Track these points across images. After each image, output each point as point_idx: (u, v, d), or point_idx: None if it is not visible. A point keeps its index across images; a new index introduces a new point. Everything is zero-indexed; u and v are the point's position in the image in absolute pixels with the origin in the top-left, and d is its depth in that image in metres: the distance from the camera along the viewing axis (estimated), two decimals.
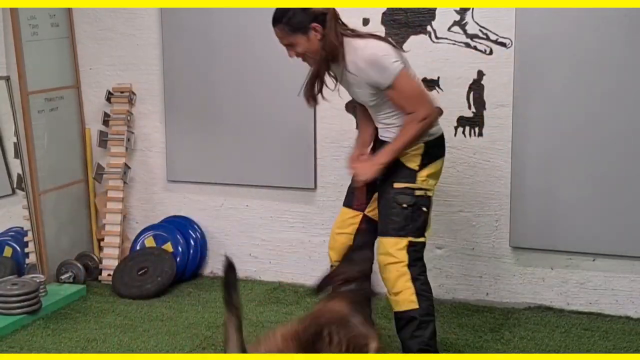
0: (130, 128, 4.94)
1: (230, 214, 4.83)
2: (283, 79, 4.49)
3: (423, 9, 4.21)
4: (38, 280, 4.36)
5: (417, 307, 3.28)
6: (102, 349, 3.82)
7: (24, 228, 4.70)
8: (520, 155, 4.12)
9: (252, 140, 4.66)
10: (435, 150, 3.36)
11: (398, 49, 3.31)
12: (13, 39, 4.51)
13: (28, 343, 3.91)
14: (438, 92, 4.24)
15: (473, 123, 4.22)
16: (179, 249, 4.74)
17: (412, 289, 3.28)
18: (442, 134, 3.41)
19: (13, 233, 4.87)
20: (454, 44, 4.19)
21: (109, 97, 4.91)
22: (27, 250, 4.68)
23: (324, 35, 3.21)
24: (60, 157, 4.83)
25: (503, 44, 4.11)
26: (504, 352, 3.73)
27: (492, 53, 4.14)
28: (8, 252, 4.78)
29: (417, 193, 3.30)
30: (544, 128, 4.06)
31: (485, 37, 4.14)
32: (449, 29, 4.19)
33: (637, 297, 4.09)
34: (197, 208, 4.90)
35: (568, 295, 4.21)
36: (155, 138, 4.93)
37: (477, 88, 4.19)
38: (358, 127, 3.67)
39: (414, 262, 3.32)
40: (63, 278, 4.68)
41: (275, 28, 3.26)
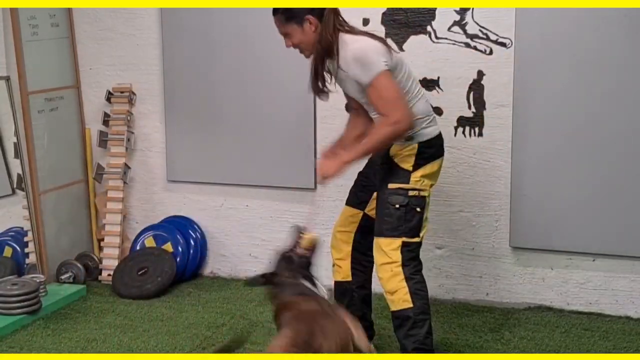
0: (130, 128, 4.94)
1: (230, 214, 4.83)
2: (283, 79, 4.49)
3: (423, 9, 4.21)
4: (38, 280, 4.36)
5: (411, 305, 3.28)
6: (102, 349, 3.82)
7: (24, 228, 4.70)
8: (520, 155, 4.12)
9: (252, 140, 4.66)
10: (430, 151, 3.34)
11: (391, 50, 3.27)
12: (13, 39, 4.51)
13: (28, 343, 3.91)
14: (438, 92, 4.24)
15: (473, 123, 4.22)
16: (179, 249, 4.74)
17: (406, 289, 3.29)
18: (437, 135, 3.38)
19: (13, 233, 4.87)
20: (454, 44, 4.19)
21: (109, 97, 4.92)
22: (27, 250, 4.68)
23: (321, 30, 3.21)
24: (60, 157, 4.83)
25: (503, 44, 4.11)
26: (504, 352, 3.73)
27: (492, 53, 4.14)
28: (8, 252, 4.78)
29: (410, 193, 3.29)
30: (544, 128, 4.06)
31: (485, 37, 4.14)
32: (449, 29, 4.19)
33: (637, 297, 4.09)
34: (197, 208, 4.90)
35: (568, 295, 4.21)
36: (155, 138, 4.93)
37: (477, 88, 4.19)
38: (346, 126, 3.62)
39: (408, 261, 3.32)
40: (63, 278, 4.68)
41: (274, 17, 3.31)
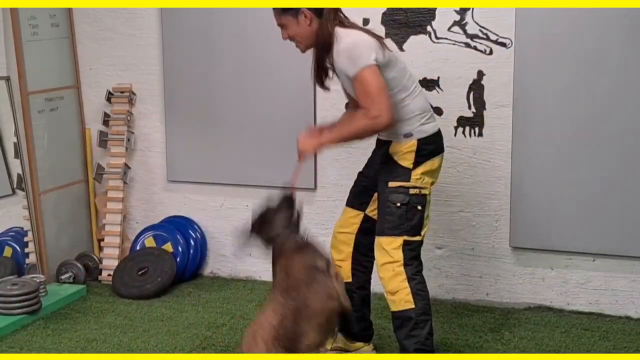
0: (130, 128, 4.94)
1: (230, 214, 4.83)
2: (283, 79, 4.49)
3: (423, 9, 4.21)
4: (38, 280, 4.36)
5: (413, 306, 3.28)
6: (102, 349, 3.82)
7: (24, 228, 4.70)
8: (520, 155, 4.12)
9: (252, 140, 4.66)
10: (430, 148, 3.33)
11: (383, 47, 3.24)
12: (13, 39, 4.51)
13: (28, 343, 3.91)
14: (438, 92, 4.24)
15: (473, 123, 4.22)
16: (179, 249, 4.74)
17: (408, 289, 3.28)
18: (436, 132, 3.37)
19: (13, 233, 4.87)
20: (454, 44, 4.19)
21: (109, 97, 4.92)
22: (27, 250, 4.68)
23: (319, 24, 3.21)
24: (60, 157, 4.83)
25: (503, 44, 4.12)
26: (504, 352, 3.73)
27: (492, 53, 4.14)
28: (8, 252, 4.78)
29: (411, 191, 3.29)
30: (544, 128, 4.06)
31: (485, 37, 4.14)
32: (449, 29, 4.19)
33: (637, 297, 4.09)
34: (197, 208, 4.90)
35: (568, 295, 4.21)
36: (155, 138, 4.93)
37: (477, 88, 4.19)
38: (341, 116, 3.61)
39: (410, 261, 3.31)
40: (63, 278, 4.68)
41: (273, 8, 3.32)
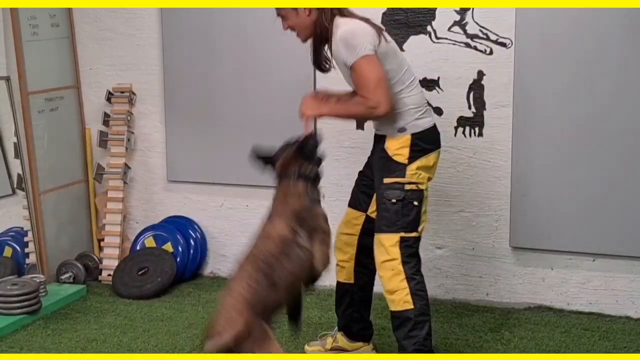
0: (130, 128, 4.94)
1: (230, 214, 4.83)
2: (283, 79, 4.49)
3: (423, 9, 4.21)
4: (38, 280, 4.36)
5: (412, 307, 3.26)
6: (102, 349, 3.82)
7: (24, 228, 4.71)
8: (520, 155, 4.12)
9: (252, 140, 4.60)
10: (424, 143, 3.30)
11: (381, 37, 3.22)
12: (13, 39, 4.51)
13: (28, 343, 3.91)
14: (438, 92, 4.24)
15: (473, 123, 4.22)
16: (179, 249, 4.74)
17: (407, 289, 3.26)
18: (431, 127, 3.34)
19: (13, 233, 4.87)
20: (454, 44, 4.19)
21: (109, 97, 4.92)
22: (27, 250, 4.68)
23: (318, 15, 3.22)
24: (60, 157, 4.83)
25: (503, 44, 4.12)
26: (504, 352, 3.73)
27: (492, 53, 4.14)
28: (8, 252, 4.78)
29: (407, 187, 3.27)
30: (544, 128, 4.06)
31: (485, 37, 4.14)
32: (449, 29, 4.19)
33: (637, 297, 4.09)
34: (197, 208, 4.90)
35: (568, 295, 4.21)
36: (155, 138, 4.93)
37: (477, 88, 4.19)
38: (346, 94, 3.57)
39: (408, 258, 3.29)
40: (63, 278, 4.68)
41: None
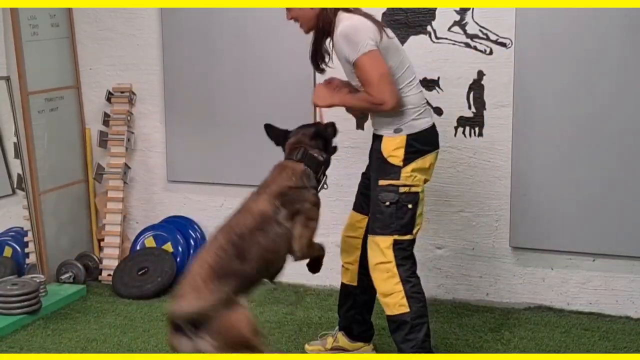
0: (130, 128, 4.94)
1: None
2: (283, 79, 4.50)
3: (423, 9, 4.21)
4: (38, 280, 4.36)
5: (408, 310, 3.24)
6: (102, 349, 3.82)
7: (24, 228, 4.71)
8: (520, 155, 4.12)
9: (252, 140, 4.66)
10: (420, 144, 3.26)
11: (382, 33, 3.19)
12: (13, 39, 4.51)
13: (28, 343, 3.91)
14: (438, 92, 4.24)
15: (473, 123, 4.22)
16: (179, 249, 4.74)
17: (402, 293, 3.24)
18: (428, 128, 3.30)
19: (13, 233, 4.87)
20: (454, 44, 4.19)
21: (109, 97, 4.92)
22: (27, 250, 4.68)
23: (322, 9, 3.21)
24: (60, 157, 4.83)
25: (503, 44, 4.11)
26: (504, 352, 3.73)
27: (492, 53, 4.14)
28: (8, 252, 4.78)
29: (401, 190, 3.24)
30: (544, 128, 4.06)
31: (485, 37, 4.14)
32: (449, 29, 4.19)
33: (637, 297, 4.09)
34: (197, 208, 4.90)
35: (568, 295, 4.21)
36: (155, 138, 4.93)
37: (477, 88, 4.19)
38: None
39: (402, 260, 3.27)
40: (63, 278, 4.68)
41: None
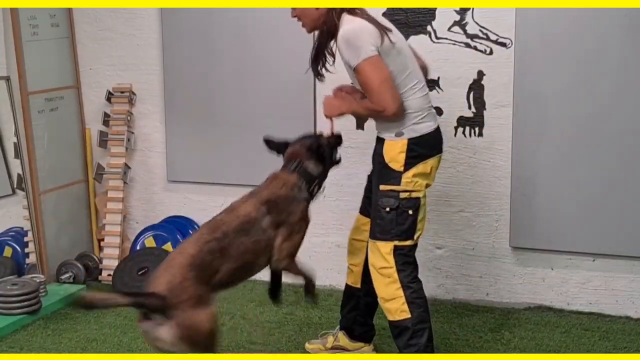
0: (130, 128, 4.94)
1: None
2: (283, 79, 4.49)
3: (423, 9, 4.21)
4: (38, 280, 4.36)
5: (409, 316, 3.23)
6: (102, 349, 3.82)
7: (24, 228, 4.71)
8: (520, 155, 4.12)
9: (252, 140, 4.64)
10: (421, 149, 3.23)
11: (384, 36, 3.14)
12: (13, 39, 4.51)
13: (28, 343, 3.91)
14: (438, 92, 4.23)
15: (473, 123, 4.22)
16: None
17: (402, 298, 3.23)
18: (430, 132, 3.27)
19: (13, 233, 4.87)
20: (454, 44, 4.19)
21: (109, 97, 4.92)
22: (27, 250, 4.69)
23: (327, 10, 3.18)
24: (60, 157, 4.83)
25: (503, 44, 4.11)
26: (504, 352, 3.73)
27: (492, 53, 4.14)
28: (8, 252, 4.78)
29: (401, 195, 3.21)
30: (544, 128, 4.06)
31: (485, 37, 4.14)
32: (449, 29, 4.19)
33: (637, 297, 4.09)
34: (197, 208, 4.90)
35: (568, 295, 4.21)
36: (155, 138, 4.93)
37: (477, 88, 4.19)
38: None
39: (403, 266, 3.25)
40: (63, 278, 4.68)
41: None
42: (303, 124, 4.51)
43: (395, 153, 3.23)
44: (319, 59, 3.36)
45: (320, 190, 3.34)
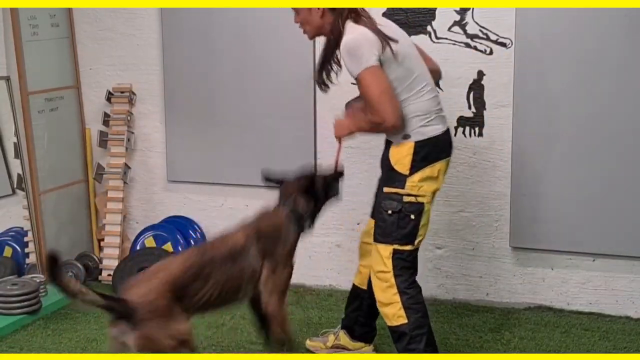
0: (130, 128, 4.94)
1: (230, 214, 4.82)
2: (283, 79, 4.49)
3: (423, 9, 4.21)
4: (38, 280, 4.36)
5: (406, 321, 3.22)
6: (102, 349, 3.82)
7: (24, 228, 4.71)
8: (520, 155, 4.13)
9: (252, 140, 4.66)
10: (429, 152, 3.20)
11: (385, 44, 3.10)
12: (13, 39, 4.52)
13: (28, 343, 3.91)
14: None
15: (473, 123, 4.22)
16: (179, 249, 4.74)
17: (399, 303, 3.22)
18: (438, 135, 3.23)
19: (13, 233, 4.87)
20: (454, 44, 4.19)
21: (109, 97, 4.92)
22: (27, 250, 4.69)
23: (334, 19, 3.16)
24: (60, 157, 4.83)
25: (503, 44, 4.12)
26: (504, 352, 3.73)
27: (492, 53, 4.14)
28: (8, 252, 4.78)
29: (405, 199, 3.19)
30: (544, 128, 4.06)
31: (485, 37, 4.14)
32: (449, 29, 4.19)
33: (637, 297, 4.09)
34: (197, 208, 4.90)
35: (568, 295, 4.21)
36: (155, 138, 4.93)
37: (477, 88, 4.19)
38: None
39: (401, 271, 3.24)
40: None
41: None
42: (303, 124, 4.52)
43: (402, 156, 3.21)
44: (325, 68, 3.32)
45: (312, 227, 3.35)
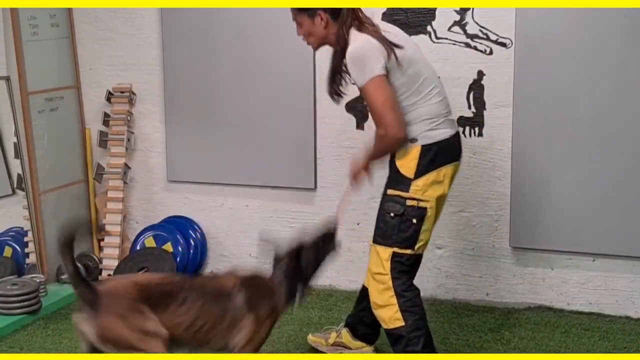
0: (130, 128, 4.94)
1: (230, 214, 4.83)
2: (283, 79, 4.49)
3: (423, 9, 4.21)
4: (38, 280, 4.36)
5: (403, 324, 3.21)
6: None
7: (24, 228, 4.71)
8: (520, 155, 4.13)
9: (252, 140, 4.66)
10: (435, 156, 3.18)
11: (390, 51, 3.08)
12: (13, 39, 4.51)
13: (28, 343, 3.91)
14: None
15: (473, 123, 4.22)
16: (179, 249, 4.74)
17: (396, 306, 3.21)
18: (446, 139, 3.21)
19: (13, 233, 4.87)
20: (454, 44, 4.19)
21: (109, 97, 4.92)
22: (27, 250, 4.68)
23: (338, 28, 3.14)
24: (60, 157, 4.83)
25: (503, 44, 4.12)
26: (504, 352, 3.73)
27: (492, 53, 4.14)
28: (8, 252, 4.78)
29: (408, 203, 3.17)
30: (544, 128, 4.06)
31: (485, 37, 4.14)
32: (449, 29, 4.19)
33: (637, 297, 4.09)
34: (197, 208, 4.90)
35: (568, 295, 4.21)
36: (155, 138, 4.93)
37: (477, 88, 4.19)
38: None
39: (398, 274, 3.23)
40: (63, 278, 4.67)
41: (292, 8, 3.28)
42: (303, 124, 4.52)
43: (408, 159, 3.18)
44: (335, 79, 3.30)
45: (304, 296, 3.19)
